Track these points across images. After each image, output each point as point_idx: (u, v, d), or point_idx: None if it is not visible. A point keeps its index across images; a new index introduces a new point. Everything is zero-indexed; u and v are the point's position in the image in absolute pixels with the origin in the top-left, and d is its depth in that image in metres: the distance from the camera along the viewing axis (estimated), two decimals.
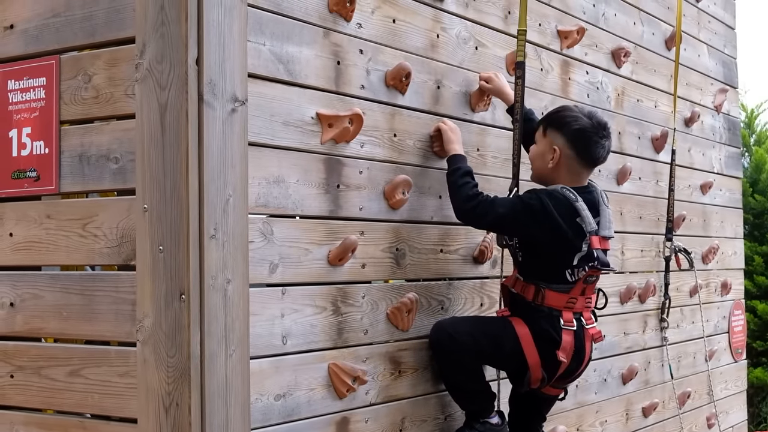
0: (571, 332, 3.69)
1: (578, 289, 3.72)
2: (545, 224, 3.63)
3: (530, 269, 3.77)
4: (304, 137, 3.32)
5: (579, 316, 3.74)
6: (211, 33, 2.92)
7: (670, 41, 5.94)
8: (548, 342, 3.68)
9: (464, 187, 3.70)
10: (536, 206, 3.64)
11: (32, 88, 3.24)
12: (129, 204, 3.00)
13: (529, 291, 3.74)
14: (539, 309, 3.70)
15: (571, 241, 3.66)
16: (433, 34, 3.97)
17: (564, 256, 3.69)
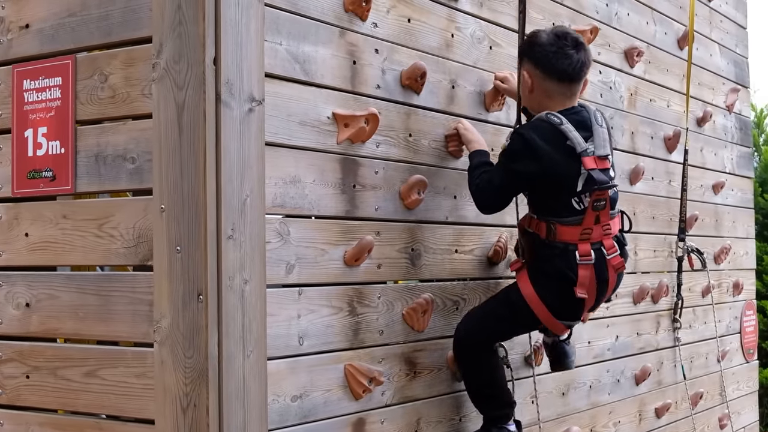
0: (589, 266, 3.59)
1: (590, 218, 3.60)
2: (536, 159, 3.54)
3: (539, 205, 3.69)
4: (321, 137, 3.31)
5: (599, 246, 3.63)
6: (228, 32, 2.91)
7: (682, 41, 5.92)
8: (564, 281, 3.60)
9: (473, 180, 3.69)
10: (519, 147, 3.58)
11: (48, 87, 3.23)
12: (146, 204, 2.99)
13: (541, 228, 3.65)
14: (553, 246, 3.62)
15: (566, 167, 3.56)
16: (448, 34, 3.96)
17: (566, 184, 3.59)
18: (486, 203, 3.72)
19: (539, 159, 3.55)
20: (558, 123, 3.60)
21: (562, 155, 3.57)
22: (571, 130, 3.58)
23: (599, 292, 3.67)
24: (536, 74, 3.70)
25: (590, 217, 3.60)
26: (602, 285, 3.66)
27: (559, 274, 3.62)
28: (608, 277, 3.65)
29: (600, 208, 3.62)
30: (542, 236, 3.65)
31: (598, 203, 3.61)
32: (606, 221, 3.65)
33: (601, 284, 3.65)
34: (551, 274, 3.64)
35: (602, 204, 3.62)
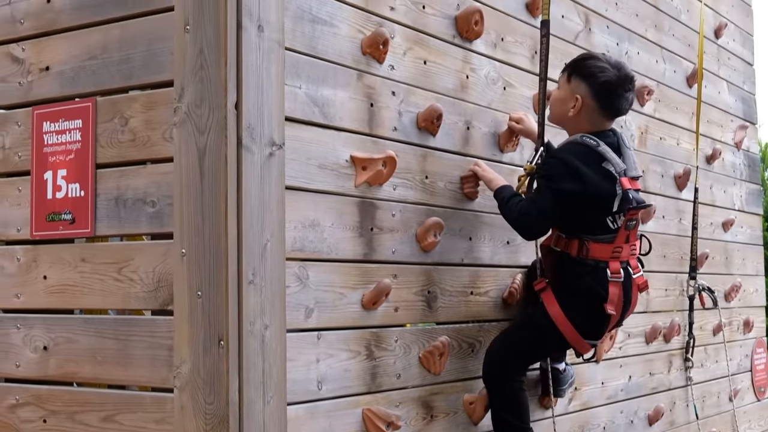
0: (619, 284, 3.65)
1: (622, 237, 3.68)
2: (578, 180, 3.60)
3: (572, 225, 3.72)
4: (339, 180, 3.31)
5: (626, 266, 3.70)
6: (249, 77, 2.92)
7: (691, 78, 5.93)
8: (594, 299, 3.64)
9: (512, 210, 3.69)
10: (561, 169, 3.63)
11: (68, 130, 3.23)
12: (166, 248, 2.99)
13: (572, 246, 3.70)
14: (584, 263, 3.67)
15: (603, 187, 3.63)
16: (463, 75, 3.97)
17: (603, 205, 3.66)
18: (532, 227, 3.72)
19: (581, 179, 3.61)
20: (595, 145, 3.67)
21: (599, 176, 3.64)
22: (608, 151, 3.68)
23: (623, 311, 3.74)
24: (591, 103, 3.76)
25: (622, 236, 3.68)
26: (626, 304, 3.73)
27: (590, 291, 3.66)
28: (632, 296, 3.74)
29: (632, 228, 3.71)
30: (573, 254, 3.69)
31: (631, 222, 3.70)
32: (634, 241, 3.75)
33: (626, 303, 3.72)
34: (581, 291, 3.68)
35: (633, 224, 3.72)
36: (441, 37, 3.86)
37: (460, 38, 3.96)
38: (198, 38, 2.91)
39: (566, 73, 3.86)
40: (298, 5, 3.18)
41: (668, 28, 5.75)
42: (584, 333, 3.73)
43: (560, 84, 3.88)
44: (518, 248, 4.17)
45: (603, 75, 3.76)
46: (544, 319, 3.72)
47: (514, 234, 4.09)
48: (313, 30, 3.23)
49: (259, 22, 2.95)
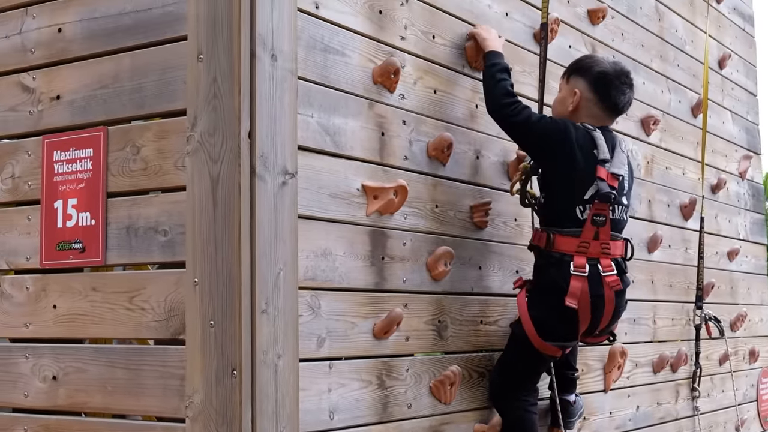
0: (582, 278, 3.61)
1: (589, 232, 3.65)
2: (564, 146, 3.66)
3: (546, 213, 3.78)
4: (351, 209, 3.30)
5: (596, 263, 3.66)
6: (263, 106, 2.91)
7: (696, 108, 5.94)
8: (556, 293, 3.62)
9: (503, 83, 3.73)
10: (561, 126, 3.70)
11: (79, 159, 3.22)
12: (178, 277, 2.97)
13: (541, 239, 3.73)
14: (550, 255, 3.69)
15: (584, 169, 3.66)
16: (472, 104, 3.97)
17: (578, 187, 3.67)
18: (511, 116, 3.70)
19: (569, 152, 3.66)
20: (591, 129, 3.75)
21: (585, 158, 3.67)
22: (601, 138, 3.72)
23: (594, 309, 3.65)
24: (588, 96, 3.84)
25: (589, 230, 3.66)
26: (598, 301, 3.64)
27: (552, 284, 3.65)
28: (604, 293, 3.65)
29: (599, 224, 3.66)
30: (542, 246, 3.72)
31: (598, 217, 3.66)
32: (605, 240, 3.69)
33: (596, 300, 3.64)
34: (545, 286, 3.70)
35: (602, 220, 3.66)
36: (451, 66, 3.86)
37: (470, 68, 3.96)
38: (212, 67, 2.91)
39: (565, 76, 3.95)
40: (311, 35, 3.18)
41: (673, 59, 5.76)
42: (551, 334, 3.68)
43: (560, 87, 3.97)
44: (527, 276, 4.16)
45: (599, 66, 3.88)
46: (516, 325, 3.77)
47: (523, 263, 4.09)
48: (325, 59, 3.23)
49: (273, 51, 2.95)
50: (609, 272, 3.67)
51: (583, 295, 3.61)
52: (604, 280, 3.66)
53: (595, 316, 3.67)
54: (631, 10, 5.33)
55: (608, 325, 3.79)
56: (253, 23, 2.91)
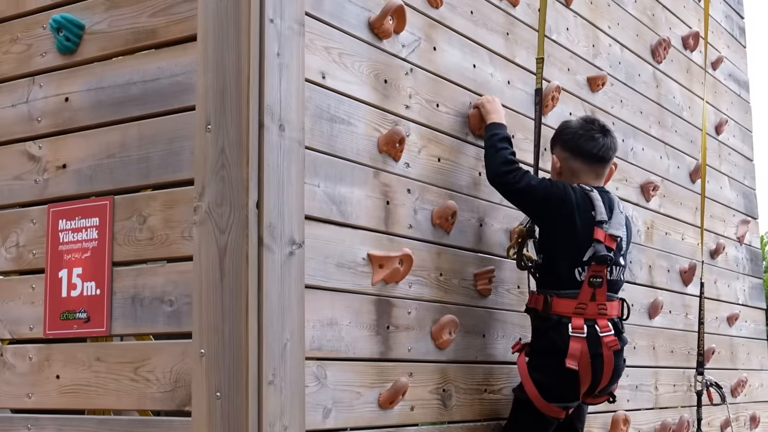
0: (582, 339, 3.63)
1: (586, 293, 3.68)
2: (563, 207, 3.69)
3: (543, 276, 3.79)
4: (356, 278, 3.29)
5: (593, 324, 3.67)
6: (270, 176, 2.91)
7: (694, 174, 5.97)
8: (556, 355, 3.63)
9: (503, 151, 3.75)
10: (560, 188, 3.73)
11: (84, 228, 3.21)
12: (184, 348, 2.95)
13: (539, 301, 3.74)
14: (548, 318, 3.69)
15: (583, 231, 3.69)
16: (476, 172, 3.98)
17: (576, 249, 3.69)
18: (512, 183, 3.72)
19: (568, 214, 3.69)
20: (589, 190, 3.77)
21: (583, 219, 3.70)
22: (599, 199, 3.75)
23: (594, 369, 3.66)
24: (564, 156, 3.89)
25: (586, 292, 3.68)
26: (597, 361, 3.66)
27: (553, 346, 3.66)
28: (602, 353, 3.66)
29: (596, 285, 3.68)
30: (539, 309, 3.72)
31: (595, 279, 3.68)
32: (602, 300, 3.71)
33: (596, 360, 3.65)
34: (545, 348, 3.69)
35: (599, 281, 3.69)
36: (455, 134, 3.89)
37: (473, 136, 3.98)
38: (220, 138, 2.92)
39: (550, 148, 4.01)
40: (317, 104, 3.20)
41: (671, 125, 5.80)
42: (553, 395, 3.67)
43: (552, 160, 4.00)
44: None
45: (564, 126, 3.98)
46: (518, 390, 3.75)
47: (526, 331, 4.07)
48: (331, 129, 3.25)
49: (281, 121, 2.96)
50: (606, 332, 3.70)
51: (583, 355, 3.62)
52: (602, 341, 3.67)
53: (595, 376, 3.68)
54: (630, 77, 5.38)
55: (608, 385, 3.79)
56: (262, 94, 2.92)
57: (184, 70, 3.08)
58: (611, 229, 3.75)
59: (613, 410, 4.75)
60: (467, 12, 4.04)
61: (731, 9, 7.04)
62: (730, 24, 6.99)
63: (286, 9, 3.03)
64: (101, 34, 3.29)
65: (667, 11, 5.94)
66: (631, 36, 5.44)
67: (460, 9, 4.00)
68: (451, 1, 3.94)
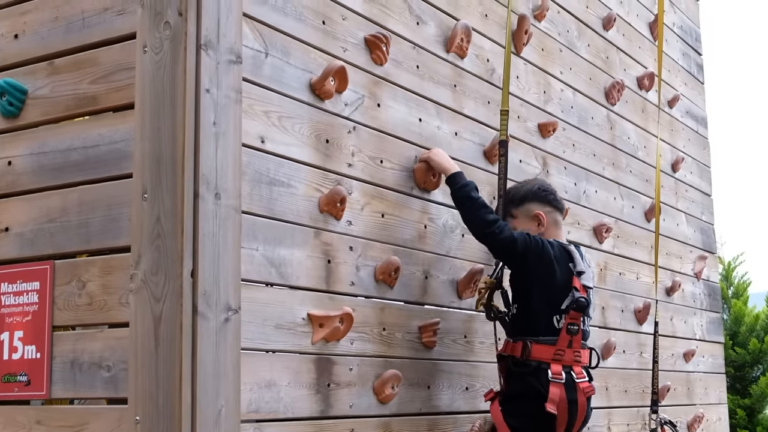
0: (560, 384, 3.74)
1: (564, 340, 3.80)
2: (543, 258, 3.82)
3: (519, 324, 3.88)
4: (296, 339, 3.34)
5: (569, 370, 3.80)
6: (206, 245, 2.96)
7: (649, 213, 6.05)
8: (535, 398, 3.72)
9: (483, 206, 3.85)
10: (538, 242, 3.85)
11: (25, 291, 3.25)
12: (120, 414, 2.99)
13: (516, 348, 3.82)
14: (527, 364, 3.78)
15: (562, 281, 3.83)
16: (421, 225, 4.04)
17: (556, 298, 3.82)
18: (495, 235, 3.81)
19: (548, 265, 3.82)
20: (567, 245, 3.96)
21: (562, 270, 3.86)
22: (576, 252, 3.92)
23: (570, 414, 3.77)
24: (547, 210, 4.03)
25: (564, 339, 3.81)
26: (572, 406, 3.77)
27: (531, 390, 3.75)
28: (577, 398, 3.79)
29: (573, 332, 3.84)
30: (517, 355, 3.81)
31: (572, 326, 3.82)
32: (577, 348, 3.85)
33: (572, 405, 3.77)
34: (524, 393, 3.78)
35: (575, 329, 3.84)
36: (399, 189, 3.94)
37: (419, 189, 4.04)
38: (155, 207, 2.96)
39: (508, 214, 4.05)
40: (256, 169, 3.25)
41: (626, 165, 5.88)
42: None
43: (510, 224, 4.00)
44: (477, 394, 4.20)
45: (536, 185, 4.11)
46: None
47: (473, 379, 4.13)
48: (270, 192, 3.30)
49: (217, 190, 3.01)
50: (582, 379, 3.83)
51: (561, 401, 3.74)
52: (578, 387, 3.80)
53: (570, 421, 3.80)
54: (583, 120, 5.45)
55: (578, 429, 3.91)
56: (197, 163, 2.97)
57: (123, 138, 3.13)
58: (584, 280, 3.92)
59: None
60: (413, 67, 4.10)
61: (689, 47, 7.14)
62: (688, 62, 7.08)
63: (223, 78, 3.08)
64: (44, 99, 3.33)
65: (621, 53, 6.02)
66: (584, 80, 5.52)
67: (406, 64, 4.06)
68: (396, 57, 4.00)
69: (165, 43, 3.03)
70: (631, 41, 6.18)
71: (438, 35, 4.30)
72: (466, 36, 4.41)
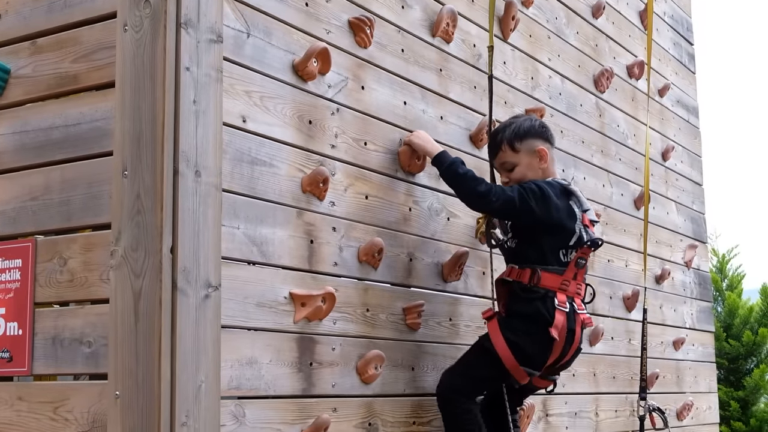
0: (564, 313, 3.81)
1: (570, 272, 3.88)
2: (545, 206, 3.83)
3: (525, 254, 3.92)
4: (278, 317, 3.35)
5: (571, 301, 3.86)
6: (186, 221, 2.98)
7: (638, 201, 6.06)
8: (541, 322, 3.78)
9: (474, 178, 3.86)
10: (536, 191, 3.84)
11: (8, 269, 3.27)
12: (101, 389, 3.01)
13: (524, 275, 3.87)
14: (535, 290, 3.83)
15: (565, 222, 3.88)
16: (406, 208, 4.06)
17: (560, 237, 3.89)
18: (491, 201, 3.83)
19: (550, 210, 3.84)
20: (567, 184, 4.00)
21: (565, 211, 3.90)
22: (577, 190, 3.98)
23: (566, 342, 3.84)
24: (548, 146, 4.06)
25: (571, 271, 3.89)
26: (570, 335, 3.84)
27: (538, 314, 3.80)
28: (575, 328, 3.85)
29: (581, 266, 3.93)
30: (525, 281, 3.86)
31: (581, 260, 3.93)
32: (580, 281, 3.93)
33: (570, 335, 3.84)
34: (530, 315, 3.82)
35: (583, 263, 3.94)
36: (383, 171, 3.95)
37: (403, 172, 4.06)
38: (135, 183, 2.98)
39: (507, 146, 4.04)
40: (237, 148, 3.27)
41: (615, 153, 5.89)
42: (526, 358, 3.81)
43: (511, 159, 4.02)
44: None
45: (533, 120, 4.13)
46: (487, 342, 3.85)
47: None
48: (252, 171, 3.31)
49: (197, 167, 3.02)
50: (582, 310, 3.92)
51: (563, 328, 3.81)
52: (578, 317, 3.88)
53: (564, 348, 3.87)
54: (571, 107, 5.47)
55: (567, 363, 3.99)
56: (177, 140, 2.99)
57: (104, 116, 3.15)
58: (590, 216, 4.00)
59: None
60: (397, 50, 4.11)
61: (680, 36, 7.15)
62: (679, 51, 7.09)
63: (203, 57, 3.10)
64: (26, 79, 3.35)
65: (611, 41, 6.04)
66: (572, 67, 5.53)
67: (391, 47, 4.07)
68: (381, 41, 4.02)
69: (145, 22, 3.05)
70: (621, 29, 6.19)
71: (423, 19, 4.31)
72: (451, 20, 4.42)
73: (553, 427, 4.92)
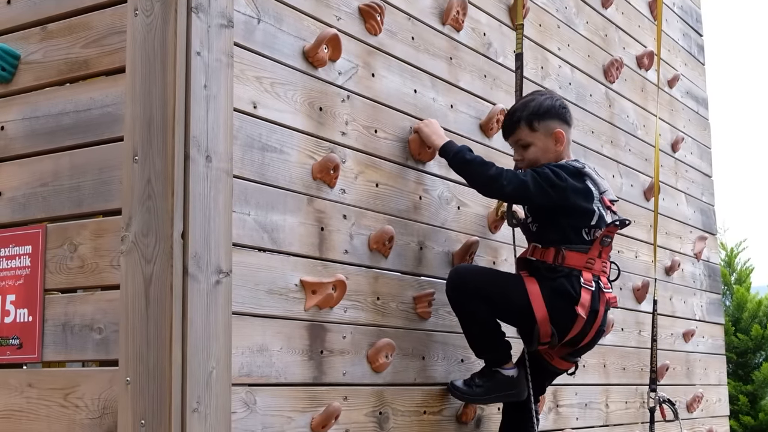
0: (590, 291, 3.78)
1: (596, 250, 3.84)
2: (560, 189, 3.78)
3: (548, 235, 3.88)
4: (288, 305, 3.34)
5: (597, 279, 3.83)
6: (196, 207, 2.96)
7: (648, 192, 6.04)
8: (567, 297, 3.76)
9: (478, 160, 3.83)
10: (550, 174, 3.79)
11: (18, 255, 3.26)
12: (111, 375, 2.99)
13: (548, 254, 3.84)
14: (560, 269, 3.80)
15: (582, 204, 3.83)
16: (416, 196, 4.04)
17: (580, 218, 3.84)
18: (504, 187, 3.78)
19: (567, 193, 3.79)
20: (581, 167, 3.91)
21: (582, 193, 3.84)
22: (593, 172, 3.91)
23: (587, 322, 3.80)
24: (566, 129, 3.99)
25: (596, 249, 3.85)
26: (591, 315, 3.80)
27: (564, 291, 3.78)
28: (599, 308, 3.82)
29: (606, 244, 3.89)
30: (549, 261, 3.83)
31: (606, 239, 3.89)
32: (605, 259, 3.89)
33: (592, 314, 3.80)
34: (556, 290, 3.79)
35: (608, 241, 3.90)
36: (394, 159, 3.93)
37: (413, 160, 4.04)
38: (146, 169, 2.97)
39: (525, 125, 3.97)
40: (248, 134, 3.25)
41: (624, 144, 5.87)
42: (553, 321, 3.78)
43: (525, 138, 3.97)
44: (472, 366, 4.19)
45: (556, 101, 4.03)
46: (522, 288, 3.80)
47: (468, 352, 4.12)
48: (262, 157, 3.30)
49: (207, 152, 3.01)
50: (608, 289, 3.88)
51: (589, 306, 3.78)
52: (603, 296, 3.84)
53: (585, 329, 3.83)
54: (581, 97, 5.44)
55: (589, 344, 3.94)
56: (188, 125, 2.97)
57: (115, 101, 3.13)
58: (609, 195, 3.96)
59: (561, 428, 4.81)
60: (408, 38, 4.09)
61: (689, 27, 7.13)
62: (688, 42, 7.06)
63: (214, 42, 3.08)
64: (36, 64, 3.34)
65: (621, 31, 6.01)
66: (582, 57, 5.51)
67: (401, 35, 4.05)
68: (391, 28, 4.00)
69: (156, 6, 3.03)
70: (631, 20, 6.16)
71: (434, 7, 4.29)
72: (462, 9, 4.40)
73: (563, 417, 4.90)
